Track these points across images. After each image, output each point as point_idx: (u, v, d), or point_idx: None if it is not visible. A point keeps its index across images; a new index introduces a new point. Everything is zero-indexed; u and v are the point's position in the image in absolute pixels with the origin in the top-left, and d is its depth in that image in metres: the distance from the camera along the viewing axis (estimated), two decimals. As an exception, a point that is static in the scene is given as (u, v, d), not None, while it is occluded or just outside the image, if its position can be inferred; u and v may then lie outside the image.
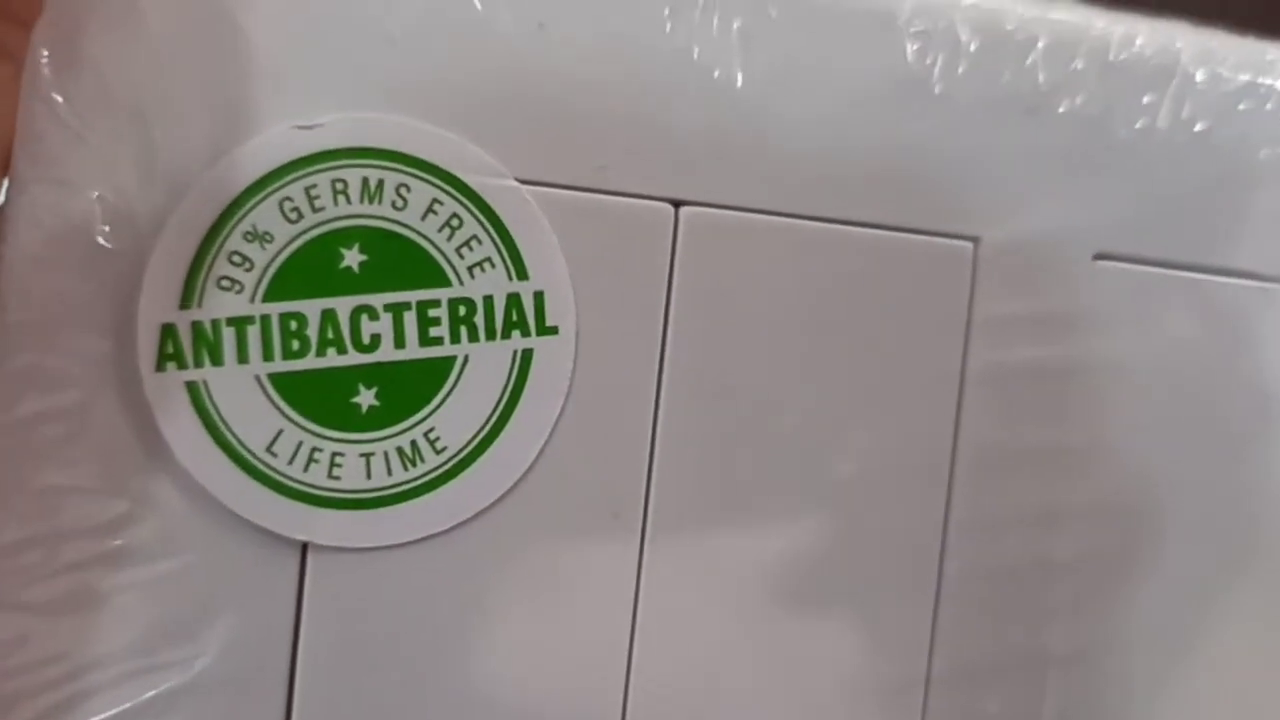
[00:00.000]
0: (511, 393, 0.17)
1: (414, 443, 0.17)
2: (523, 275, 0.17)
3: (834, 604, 0.18)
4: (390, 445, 0.17)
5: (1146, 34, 0.20)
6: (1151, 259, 0.20)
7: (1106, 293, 0.20)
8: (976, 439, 0.19)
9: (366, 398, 0.17)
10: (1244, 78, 0.21)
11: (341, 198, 0.17)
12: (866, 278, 0.18)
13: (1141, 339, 0.20)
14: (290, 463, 0.17)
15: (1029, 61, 0.19)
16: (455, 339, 0.17)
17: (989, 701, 0.20)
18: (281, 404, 0.17)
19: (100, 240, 0.16)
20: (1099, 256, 0.20)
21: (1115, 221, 0.20)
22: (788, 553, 0.18)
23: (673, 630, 0.18)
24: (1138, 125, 0.20)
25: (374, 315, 0.17)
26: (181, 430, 0.16)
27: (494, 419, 0.17)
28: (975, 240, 0.19)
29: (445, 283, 0.17)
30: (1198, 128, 0.20)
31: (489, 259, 0.17)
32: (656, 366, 0.18)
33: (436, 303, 0.17)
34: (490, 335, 0.17)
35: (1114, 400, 0.20)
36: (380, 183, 0.17)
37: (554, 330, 0.17)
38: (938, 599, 0.19)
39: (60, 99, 0.16)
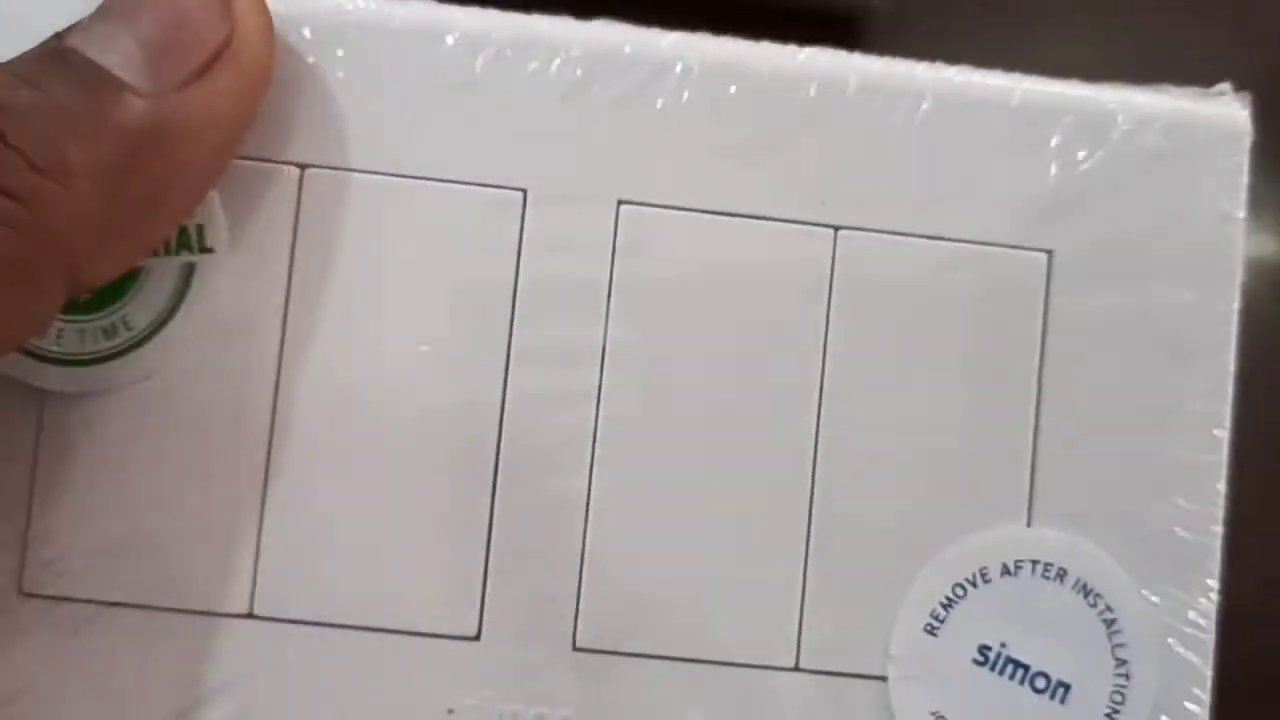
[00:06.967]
0: (178, 291, 0.23)
1: (112, 323, 0.24)
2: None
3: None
4: (97, 324, 0.23)
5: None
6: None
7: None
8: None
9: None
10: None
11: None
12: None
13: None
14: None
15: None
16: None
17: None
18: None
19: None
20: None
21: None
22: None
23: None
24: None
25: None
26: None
27: (166, 310, 0.23)
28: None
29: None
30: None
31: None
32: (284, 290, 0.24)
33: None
34: (167, 253, 0.23)
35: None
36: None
37: (211, 250, 0.23)
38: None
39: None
